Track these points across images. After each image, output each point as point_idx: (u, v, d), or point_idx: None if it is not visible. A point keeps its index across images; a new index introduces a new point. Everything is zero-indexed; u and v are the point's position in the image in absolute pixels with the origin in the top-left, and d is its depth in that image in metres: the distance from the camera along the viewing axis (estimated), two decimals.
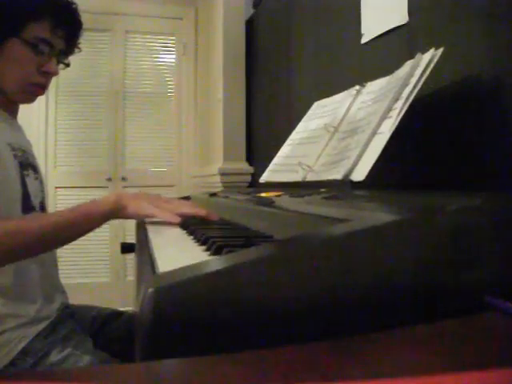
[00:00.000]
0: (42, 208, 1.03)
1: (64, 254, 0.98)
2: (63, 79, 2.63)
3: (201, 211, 0.87)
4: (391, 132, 0.73)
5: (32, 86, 0.98)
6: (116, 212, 0.87)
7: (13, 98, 1.00)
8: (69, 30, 1.01)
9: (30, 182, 0.97)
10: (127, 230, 2.74)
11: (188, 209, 0.87)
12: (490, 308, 0.37)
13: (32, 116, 2.62)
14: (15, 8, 0.92)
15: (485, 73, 0.75)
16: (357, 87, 0.99)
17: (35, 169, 1.03)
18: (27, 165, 0.98)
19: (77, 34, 1.03)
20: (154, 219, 0.89)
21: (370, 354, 0.32)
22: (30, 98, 1.02)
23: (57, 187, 2.73)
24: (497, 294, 0.38)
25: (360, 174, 0.74)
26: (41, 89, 1.01)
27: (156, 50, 2.99)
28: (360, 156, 0.76)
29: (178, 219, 0.83)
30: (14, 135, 1.00)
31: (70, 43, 1.03)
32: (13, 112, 1.03)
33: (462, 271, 0.40)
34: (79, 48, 1.06)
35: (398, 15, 0.96)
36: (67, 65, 1.05)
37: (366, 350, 0.32)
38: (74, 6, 1.01)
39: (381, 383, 0.26)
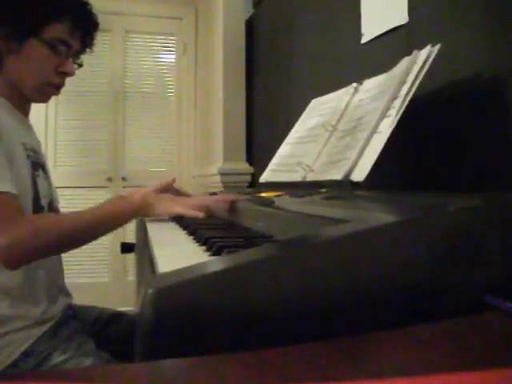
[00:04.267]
0: (50, 208, 1.03)
1: (64, 253, 0.98)
2: None
3: (221, 203, 0.95)
4: (390, 131, 0.73)
5: (48, 86, 0.99)
6: (144, 210, 0.92)
7: (28, 97, 1.01)
8: (86, 31, 1.02)
9: (40, 182, 0.97)
10: (127, 230, 2.74)
11: (209, 202, 0.95)
12: (490, 308, 0.37)
13: (32, 115, 2.61)
14: (36, 9, 0.93)
15: (484, 72, 0.75)
16: (354, 85, 0.99)
17: (44, 169, 1.03)
18: (38, 165, 0.99)
19: (93, 35, 1.04)
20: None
21: (370, 354, 0.32)
22: (45, 98, 1.03)
23: (57, 187, 2.72)
24: (497, 293, 0.38)
25: (360, 175, 0.74)
26: (56, 89, 1.02)
27: (156, 49, 2.99)
28: (359, 156, 0.76)
29: (201, 214, 0.88)
30: (26, 135, 1.00)
31: (86, 44, 1.04)
32: (25, 111, 1.04)
33: (462, 271, 0.40)
34: (92, 49, 1.07)
35: (398, 15, 0.96)
36: (80, 65, 1.05)
37: (365, 350, 0.32)
38: (91, 7, 1.01)
39: (381, 383, 0.26)
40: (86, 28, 1.01)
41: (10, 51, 0.93)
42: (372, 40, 1.08)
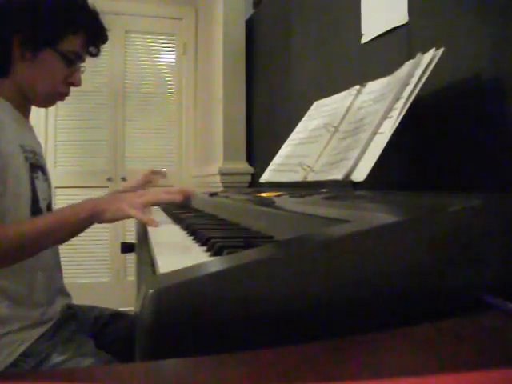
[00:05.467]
0: (49, 210, 1.03)
1: (64, 253, 0.98)
2: None
3: (176, 196, 0.84)
4: (392, 132, 0.73)
5: (56, 95, 1.01)
6: (94, 218, 0.84)
7: (34, 103, 1.03)
8: (98, 45, 1.04)
9: (39, 184, 0.97)
10: (127, 230, 2.74)
11: (164, 196, 0.84)
12: (489, 308, 0.38)
13: (32, 115, 2.60)
14: (56, 20, 0.95)
15: (484, 73, 0.75)
16: (357, 87, 0.99)
17: (44, 170, 1.03)
18: (37, 166, 0.99)
19: (101, 48, 1.06)
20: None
21: (370, 354, 0.32)
22: (49, 104, 1.05)
23: (57, 187, 2.73)
24: (497, 293, 0.38)
25: (360, 175, 0.74)
26: (62, 97, 1.03)
27: (156, 49, 2.99)
28: (360, 156, 0.76)
29: (153, 222, 0.77)
30: (25, 136, 1.00)
31: (92, 55, 1.05)
32: (25, 112, 1.04)
33: (462, 271, 0.40)
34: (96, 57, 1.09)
35: (398, 15, 0.96)
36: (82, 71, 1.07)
37: (366, 350, 0.32)
38: (104, 22, 1.03)
39: (381, 383, 0.26)
40: (98, 43, 1.03)
41: (24, 58, 0.94)
42: (372, 40, 1.08)
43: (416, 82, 0.75)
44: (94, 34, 1.01)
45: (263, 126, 1.99)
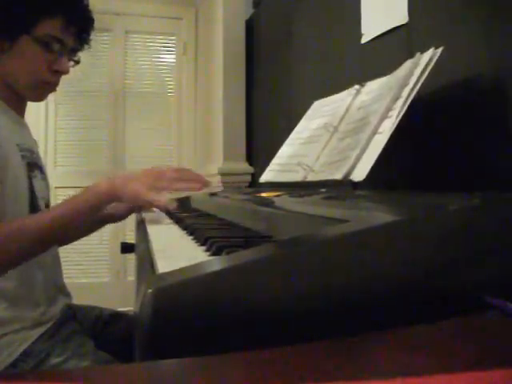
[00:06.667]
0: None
1: (64, 253, 0.98)
2: (63, 79, 2.62)
3: (193, 185, 0.87)
4: (391, 132, 0.73)
5: (43, 84, 0.97)
6: (110, 201, 0.86)
7: (24, 96, 0.99)
8: (80, 27, 0.99)
9: (37, 182, 0.97)
10: (127, 230, 2.74)
11: (181, 185, 0.87)
12: (490, 308, 0.37)
13: (32, 115, 2.61)
14: (28, 5, 0.90)
15: (485, 73, 0.75)
16: (356, 87, 0.99)
17: (41, 169, 1.03)
18: (34, 165, 0.98)
19: (88, 31, 1.01)
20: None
21: (370, 354, 0.32)
22: (40, 97, 1.01)
23: (56, 187, 2.73)
24: (497, 293, 0.38)
25: (360, 174, 0.74)
26: (51, 87, 1.00)
27: (156, 49, 2.99)
28: (360, 156, 0.76)
29: (171, 204, 0.82)
30: (22, 135, 0.99)
31: (81, 41, 1.01)
32: (21, 110, 1.03)
33: (462, 271, 0.40)
34: (89, 45, 1.04)
35: (398, 15, 0.96)
36: (77, 62, 1.03)
37: (366, 350, 0.32)
38: (85, 3, 0.98)
39: (381, 383, 0.26)
40: (79, 24, 0.98)
41: (2, 50, 0.91)
42: (372, 40, 1.08)
43: (415, 81, 0.75)
44: (73, 16, 0.95)
45: (263, 126, 1.99)
